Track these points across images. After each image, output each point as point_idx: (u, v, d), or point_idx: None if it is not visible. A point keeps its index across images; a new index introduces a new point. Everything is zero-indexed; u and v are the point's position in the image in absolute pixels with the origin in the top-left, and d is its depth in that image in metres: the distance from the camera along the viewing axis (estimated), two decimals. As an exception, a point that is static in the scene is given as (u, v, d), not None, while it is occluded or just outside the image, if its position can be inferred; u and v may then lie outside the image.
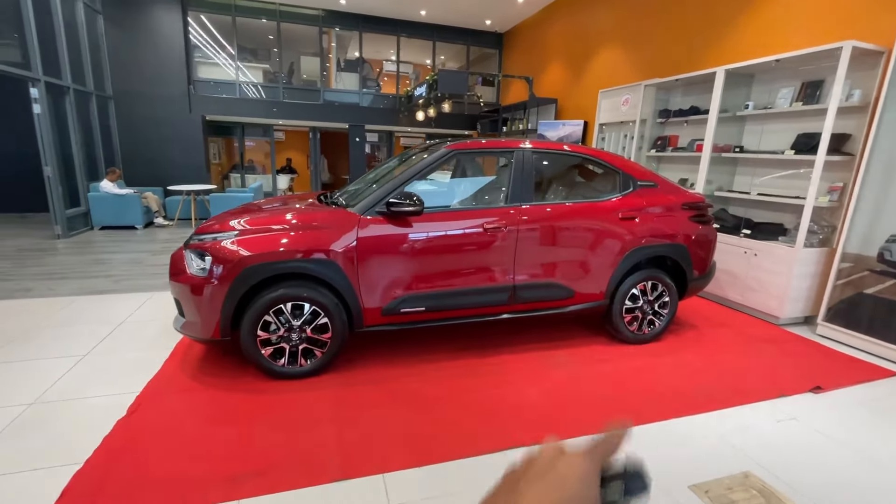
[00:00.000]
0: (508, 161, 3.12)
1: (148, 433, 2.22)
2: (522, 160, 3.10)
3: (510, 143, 3.14)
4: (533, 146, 3.16)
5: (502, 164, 3.28)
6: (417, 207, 2.71)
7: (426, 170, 2.93)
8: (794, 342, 3.64)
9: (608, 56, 7.11)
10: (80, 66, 7.48)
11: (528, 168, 3.10)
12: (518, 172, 3.07)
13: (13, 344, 3.13)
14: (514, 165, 3.08)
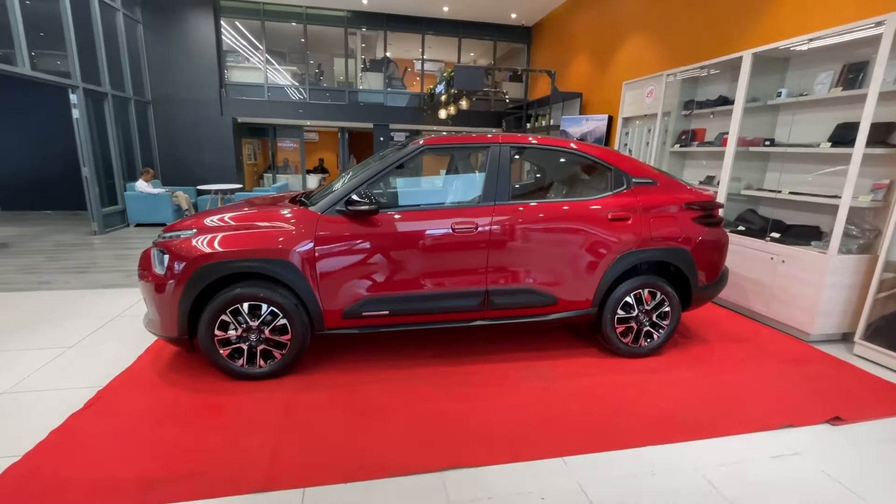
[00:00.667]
0: (483, 157, 2.91)
1: (94, 430, 2.23)
2: (498, 156, 2.88)
3: (485, 138, 2.93)
4: (511, 141, 2.94)
5: (480, 161, 3.07)
6: (372, 206, 2.57)
7: (394, 166, 2.79)
8: (823, 363, 3.17)
9: (634, 45, 6.65)
10: (120, 73, 7.98)
11: (505, 165, 2.87)
12: (493, 169, 2.86)
13: (9, 333, 3.31)
14: (488, 162, 2.87)
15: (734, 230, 4.21)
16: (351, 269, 2.67)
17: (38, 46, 6.22)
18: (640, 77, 6.01)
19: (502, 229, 2.79)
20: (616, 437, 2.25)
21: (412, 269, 2.75)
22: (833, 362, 3.18)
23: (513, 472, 1.99)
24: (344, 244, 2.64)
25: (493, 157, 2.87)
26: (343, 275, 2.66)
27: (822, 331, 3.47)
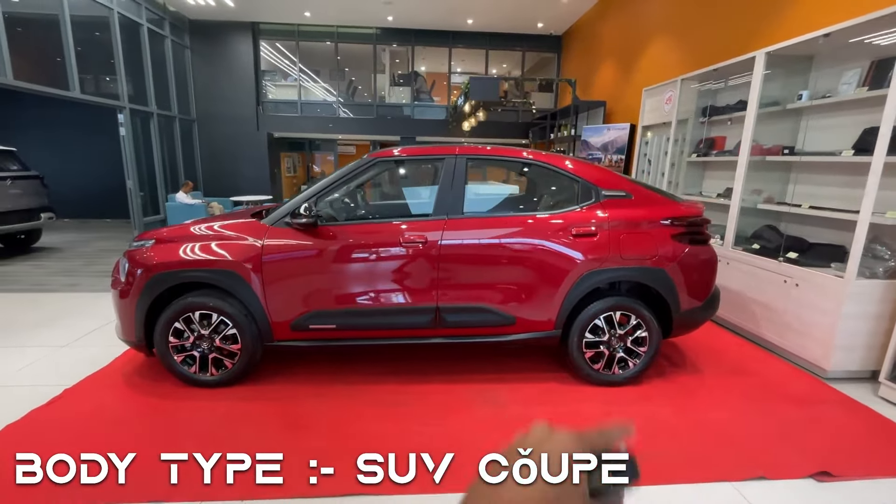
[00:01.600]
0: (438, 169, 2.82)
1: (45, 427, 2.36)
2: (453, 168, 2.77)
3: (440, 150, 2.84)
4: (469, 152, 2.82)
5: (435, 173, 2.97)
6: (310, 220, 2.55)
7: (343, 180, 2.77)
8: (834, 405, 2.72)
9: (656, 50, 6.26)
10: (167, 94, 8.70)
11: (460, 177, 2.76)
12: (446, 182, 2.76)
13: (18, 331, 3.63)
14: (442, 174, 2.77)
15: (746, 248, 3.78)
16: (296, 282, 2.66)
17: (94, 72, 6.94)
18: (661, 82, 5.63)
19: (453, 244, 2.67)
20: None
21: (359, 284, 2.70)
22: (847, 405, 2.72)
23: (409, 502, 1.86)
24: (289, 257, 2.64)
25: (447, 170, 2.77)
26: (289, 287, 2.66)
27: (842, 367, 2.99)
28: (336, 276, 2.67)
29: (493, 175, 4.81)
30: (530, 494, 0.35)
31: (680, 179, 5.06)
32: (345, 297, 2.69)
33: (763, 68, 3.63)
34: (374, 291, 2.69)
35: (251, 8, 8.67)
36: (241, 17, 9.21)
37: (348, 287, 2.68)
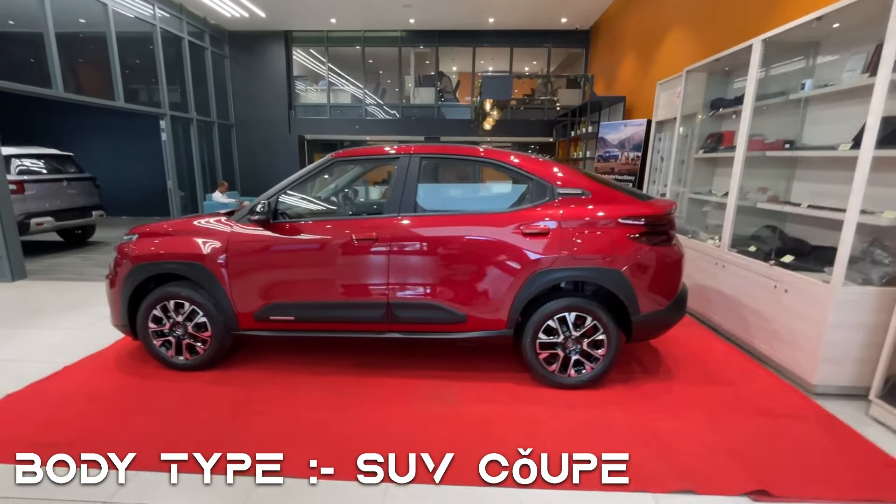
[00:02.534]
0: (393, 168, 2.88)
1: (39, 397, 2.68)
2: (407, 167, 2.82)
3: (396, 150, 2.90)
4: (423, 151, 2.86)
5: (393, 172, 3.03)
6: (262, 217, 2.71)
7: (305, 179, 2.91)
8: (809, 422, 2.49)
9: (672, 41, 5.94)
10: (206, 101, 9.38)
11: (413, 176, 2.81)
12: (399, 180, 2.81)
13: (49, 314, 4.11)
14: (396, 173, 2.84)
15: (741, 250, 3.53)
16: (257, 275, 2.83)
17: (138, 82, 7.64)
18: (674, 75, 5.34)
19: (404, 241, 2.73)
20: (454, 472, 2.05)
21: (314, 278, 2.82)
22: (826, 423, 2.49)
23: (329, 489, 1.94)
24: (249, 251, 2.81)
25: (400, 169, 2.83)
26: (250, 280, 2.83)
27: (830, 381, 2.73)
28: (292, 271, 2.81)
29: (490, 175, 4.79)
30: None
31: (688, 177, 4.79)
32: (301, 290, 2.83)
33: (760, 56, 3.37)
34: (329, 286, 2.81)
35: (282, 17, 9.14)
36: (274, 27, 9.74)
37: (304, 281, 2.82)
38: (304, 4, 8.40)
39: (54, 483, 1.96)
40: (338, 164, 2.93)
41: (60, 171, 7.09)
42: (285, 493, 1.94)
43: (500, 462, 2.07)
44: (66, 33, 5.99)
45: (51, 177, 6.79)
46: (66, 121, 8.45)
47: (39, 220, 6.47)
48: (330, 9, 8.73)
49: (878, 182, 2.76)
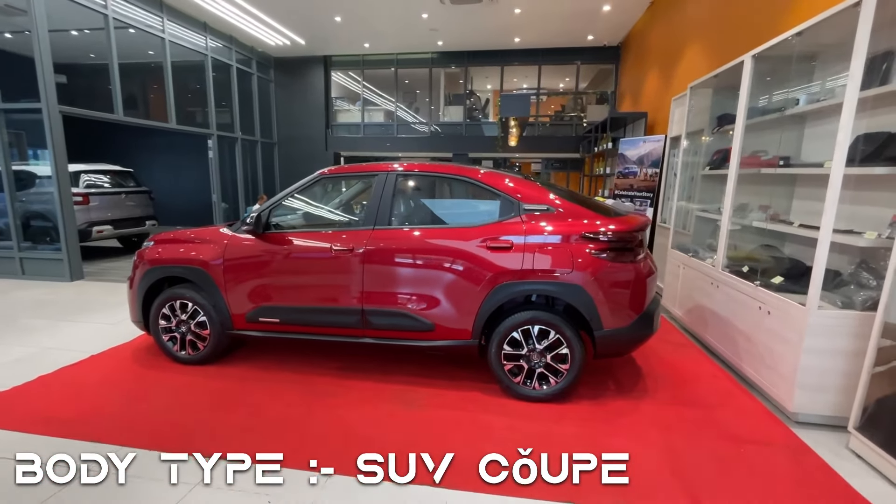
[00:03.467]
0: (372, 184, 3.10)
1: (64, 380, 3.10)
2: (383, 183, 3.03)
3: (375, 167, 3.12)
4: (399, 169, 3.06)
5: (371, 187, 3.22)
6: (250, 228, 3.01)
7: (294, 191, 3.21)
8: (780, 452, 2.38)
9: (690, 56, 5.83)
10: (251, 121, 10.20)
11: (389, 192, 3.01)
12: (376, 195, 3.02)
13: (93, 310, 4.67)
14: (373, 188, 3.05)
15: (735, 270, 3.41)
16: (248, 280, 3.12)
17: (190, 105, 8.49)
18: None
19: (377, 252, 2.92)
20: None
21: (296, 284, 3.07)
22: (796, 453, 2.37)
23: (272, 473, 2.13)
24: (242, 258, 3.12)
25: (378, 184, 3.05)
26: (242, 283, 3.13)
27: (809, 409, 2.59)
28: (278, 277, 3.08)
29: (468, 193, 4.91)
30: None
31: (696, 194, 4.66)
32: (285, 295, 3.09)
33: (751, 72, 3.30)
34: (309, 291, 3.05)
35: (320, 44, 9.83)
36: (315, 52, 10.48)
37: (288, 287, 3.08)
38: (339, 32, 9.01)
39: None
40: (326, 179, 3.19)
41: (122, 185, 7.99)
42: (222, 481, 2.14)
43: (427, 465, 2.16)
44: (128, 64, 6.83)
45: (112, 190, 7.67)
46: (129, 140, 9.54)
47: (100, 228, 7.31)
48: (362, 35, 9.30)
49: (867, 201, 2.64)
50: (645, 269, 2.76)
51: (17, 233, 5.97)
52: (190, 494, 2.02)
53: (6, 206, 5.95)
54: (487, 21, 8.21)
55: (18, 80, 5.66)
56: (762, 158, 3.47)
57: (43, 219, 6.26)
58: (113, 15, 6.53)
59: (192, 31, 8.13)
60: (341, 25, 8.58)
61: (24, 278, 5.97)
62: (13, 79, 5.78)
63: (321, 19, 8.27)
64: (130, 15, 6.86)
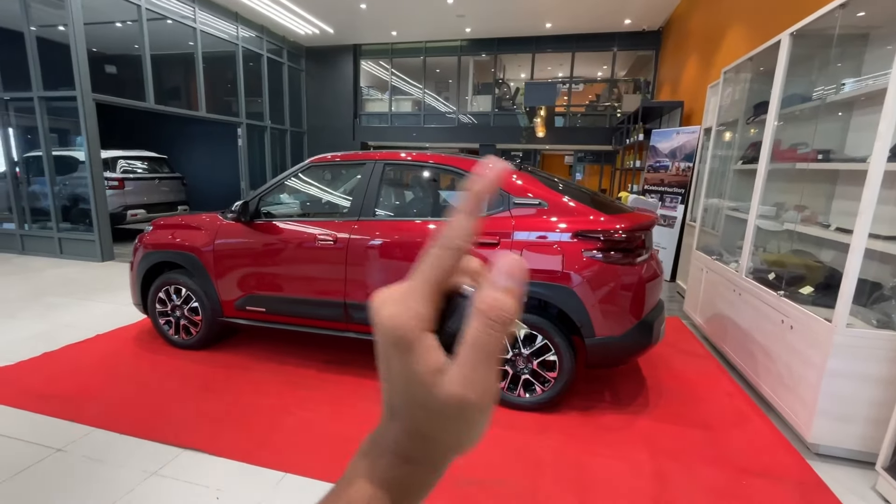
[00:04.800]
0: (361, 174, 2.98)
1: (66, 357, 3.21)
2: (370, 173, 2.91)
3: (362, 156, 2.99)
4: (387, 158, 2.92)
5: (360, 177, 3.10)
6: (234, 215, 2.97)
7: (284, 179, 3.14)
8: (788, 488, 2.08)
9: (731, 40, 5.31)
10: (281, 110, 10.37)
11: (375, 182, 2.88)
12: (362, 186, 2.90)
13: (115, 290, 4.87)
14: (360, 178, 2.93)
15: (759, 277, 3.05)
16: (235, 268, 3.10)
17: (221, 94, 8.72)
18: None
19: (360, 244, 2.81)
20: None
21: (280, 274, 3.02)
22: (809, 490, 2.06)
23: (228, 468, 2.09)
24: (230, 246, 3.10)
25: (364, 174, 2.92)
26: (231, 272, 3.12)
27: (830, 441, 2.26)
28: (263, 265, 3.04)
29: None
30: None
31: (727, 191, 4.24)
32: (270, 284, 3.04)
33: (788, 53, 2.90)
34: (293, 282, 2.99)
35: (348, 32, 9.81)
36: (343, 41, 10.48)
37: (272, 275, 3.03)
38: (365, 19, 8.93)
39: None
40: (315, 167, 3.11)
41: (156, 170, 8.34)
42: (180, 463, 2.11)
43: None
44: (161, 54, 7.06)
45: (146, 175, 8.01)
46: (165, 128, 9.94)
47: (134, 212, 7.66)
48: (389, 22, 9.18)
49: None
50: (646, 272, 2.50)
51: (56, 215, 6.33)
52: (145, 483, 2.00)
53: (48, 190, 6.33)
54: (515, 5, 7.87)
55: (62, 68, 5.94)
56: (798, 152, 3.07)
57: (83, 201, 6.63)
58: (146, 6, 6.74)
59: (223, 20, 8.31)
60: (367, 13, 8.49)
61: (62, 257, 6.34)
62: (57, 67, 6.08)
63: (346, 6, 8.21)
64: (163, 5, 7.07)
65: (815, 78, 3.12)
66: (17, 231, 6.54)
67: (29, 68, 5.77)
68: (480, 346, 0.26)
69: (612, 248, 2.43)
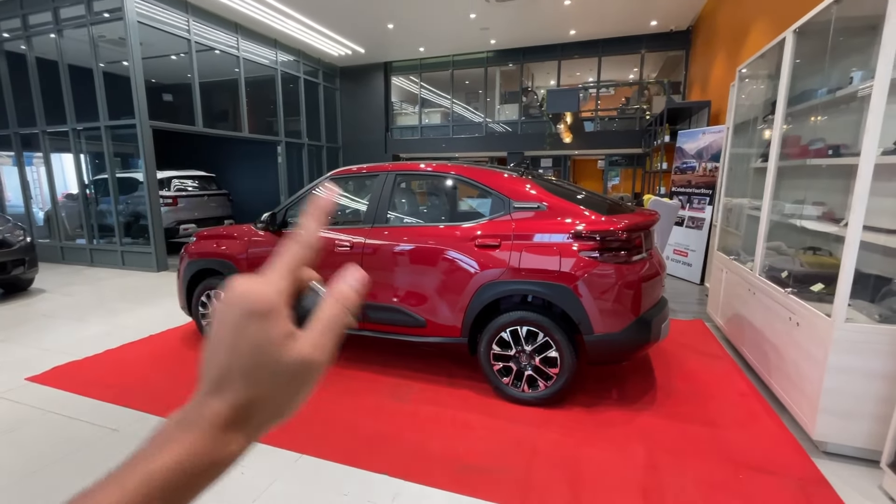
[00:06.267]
0: (374, 184, 3.22)
1: (122, 354, 3.65)
2: (382, 183, 3.14)
3: (378, 167, 3.23)
4: (399, 169, 3.15)
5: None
6: (262, 225, 3.28)
7: (306, 193, 3.44)
8: (788, 484, 2.08)
9: (756, 37, 5.19)
10: (318, 127, 10.97)
11: (387, 191, 3.11)
12: (375, 195, 3.14)
13: (163, 296, 5.39)
14: (373, 188, 3.17)
15: (773, 276, 3.01)
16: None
17: (261, 115, 9.38)
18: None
19: (373, 249, 3.04)
20: (346, 453, 2.26)
21: (305, 278, 3.30)
22: (809, 487, 2.05)
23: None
24: (261, 253, 3.43)
25: (377, 184, 3.16)
26: (261, 276, 3.43)
27: (835, 438, 2.22)
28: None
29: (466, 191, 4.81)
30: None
31: (748, 189, 4.16)
32: (295, 287, 3.32)
33: (793, 50, 2.89)
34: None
35: (378, 51, 10.28)
36: (375, 60, 10.97)
37: (297, 280, 3.31)
38: (393, 38, 9.35)
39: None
40: (335, 180, 3.39)
41: (206, 188, 9.06)
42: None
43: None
44: (208, 81, 7.74)
45: (196, 192, 8.73)
46: (212, 148, 10.76)
47: (186, 226, 8.36)
48: (416, 39, 9.56)
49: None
50: (644, 270, 2.56)
51: (119, 230, 7.06)
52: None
53: (112, 208, 7.08)
54: (538, 16, 8.00)
55: (123, 99, 6.67)
56: (811, 148, 3.02)
57: (142, 218, 7.34)
58: (196, 39, 7.44)
59: (263, 47, 8.97)
60: (394, 32, 8.90)
61: (124, 268, 7.04)
62: (119, 98, 6.83)
63: (375, 27, 8.65)
64: (210, 37, 7.76)
65: (827, 72, 3.07)
66: (87, 245, 7.34)
67: (97, 100, 6.53)
68: (331, 321, 0.33)
69: (609, 248, 2.52)
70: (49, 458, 2.30)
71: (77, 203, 7.47)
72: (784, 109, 2.98)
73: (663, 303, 2.77)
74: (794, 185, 3.51)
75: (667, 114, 6.90)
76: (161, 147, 7.04)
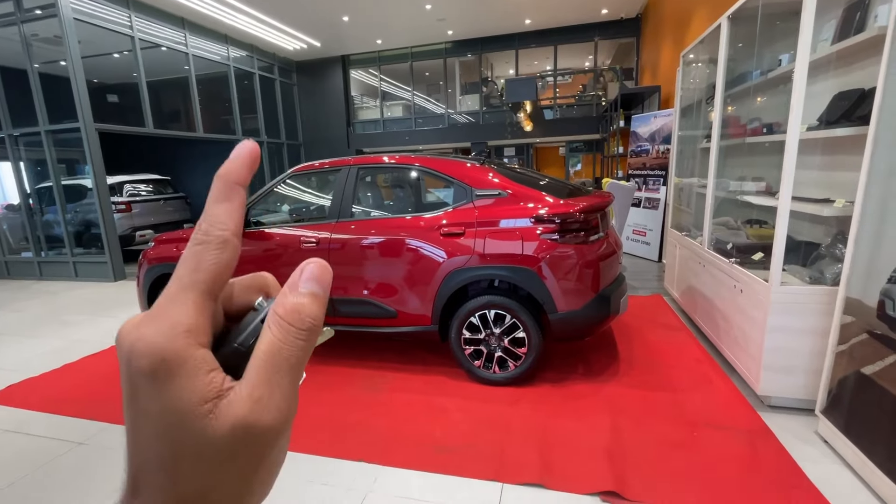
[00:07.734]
0: (338, 179, 3.22)
1: (84, 367, 3.51)
2: (345, 177, 3.15)
3: (339, 162, 3.23)
4: (360, 163, 3.16)
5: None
6: None
7: (270, 189, 3.39)
8: (737, 436, 2.27)
9: (698, 23, 5.45)
10: (276, 125, 10.70)
11: (350, 185, 3.12)
12: (339, 189, 3.14)
13: (122, 306, 5.18)
14: (336, 183, 3.17)
15: (719, 248, 3.23)
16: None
17: (216, 114, 9.06)
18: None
19: (340, 244, 3.05)
20: (318, 445, 2.30)
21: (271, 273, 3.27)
22: (755, 437, 2.24)
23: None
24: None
25: (340, 179, 3.17)
26: (226, 278, 3.38)
27: (778, 392, 2.44)
28: (255, 267, 3.29)
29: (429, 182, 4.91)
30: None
31: (696, 169, 4.40)
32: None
33: (728, 35, 3.08)
34: (282, 282, 3.23)
35: (336, 44, 10.11)
36: (331, 53, 10.78)
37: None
38: (349, 31, 9.22)
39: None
40: (296, 176, 3.36)
41: (161, 192, 8.70)
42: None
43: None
44: (156, 80, 7.41)
45: (151, 197, 8.37)
46: (166, 151, 10.33)
47: (142, 233, 8.02)
48: (373, 31, 9.45)
49: (847, 166, 2.43)
50: (601, 249, 2.70)
51: (70, 240, 6.70)
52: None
53: (59, 218, 6.70)
54: (492, 5, 8.08)
55: (65, 101, 6.30)
56: (748, 127, 3.24)
57: (94, 226, 6.99)
58: (139, 36, 7.09)
59: (214, 43, 8.65)
60: (350, 24, 8.77)
61: (77, 280, 6.70)
62: (60, 101, 6.44)
63: (329, 20, 8.50)
64: (155, 33, 7.41)
65: (760, 56, 3.29)
66: (35, 258, 6.93)
67: (34, 104, 6.14)
68: (278, 356, 0.22)
69: (567, 230, 2.64)
70: (14, 476, 2.22)
71: (19, 214, 7.03)
72: (723, 92, 3.18)
73: (621, 279, 2.93)
74: (737, 163, 3.74)
75: (620, 99, 7.15)
76: (111, 151, 6.72)
